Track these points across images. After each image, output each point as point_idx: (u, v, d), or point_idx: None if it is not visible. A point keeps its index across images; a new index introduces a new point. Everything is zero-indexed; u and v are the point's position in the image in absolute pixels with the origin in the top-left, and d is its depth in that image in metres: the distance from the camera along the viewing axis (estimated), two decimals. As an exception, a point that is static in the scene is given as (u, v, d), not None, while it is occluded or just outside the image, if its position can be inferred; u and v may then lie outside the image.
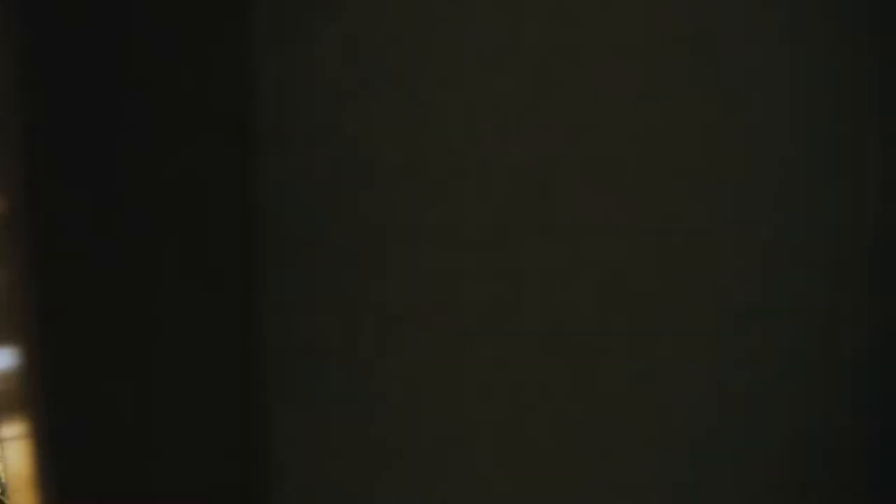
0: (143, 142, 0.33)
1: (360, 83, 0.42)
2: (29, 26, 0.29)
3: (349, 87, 0.42)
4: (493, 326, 0.50)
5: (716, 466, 0.62)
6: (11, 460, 0.43)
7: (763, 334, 0.61)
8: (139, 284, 0.34)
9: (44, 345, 0.31)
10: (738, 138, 0.57)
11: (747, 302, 0.59)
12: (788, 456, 0.65)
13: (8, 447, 0.44)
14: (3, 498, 2.60)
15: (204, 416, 0.36)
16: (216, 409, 0.36)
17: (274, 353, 0.40)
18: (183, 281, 0.35)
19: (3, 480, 2.65)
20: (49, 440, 0.32)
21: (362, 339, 0.45)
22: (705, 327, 0.59)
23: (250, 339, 0.37)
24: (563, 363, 0.53)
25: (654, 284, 0.56)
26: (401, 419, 0.47)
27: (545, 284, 0.51)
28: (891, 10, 0.60)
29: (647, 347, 0.56)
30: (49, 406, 0.32)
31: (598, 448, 0.56)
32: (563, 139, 0.50)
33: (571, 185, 0.51)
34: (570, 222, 0.51)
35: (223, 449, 0.37)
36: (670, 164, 0.55)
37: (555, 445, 0.54)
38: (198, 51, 0.33)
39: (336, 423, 0.45)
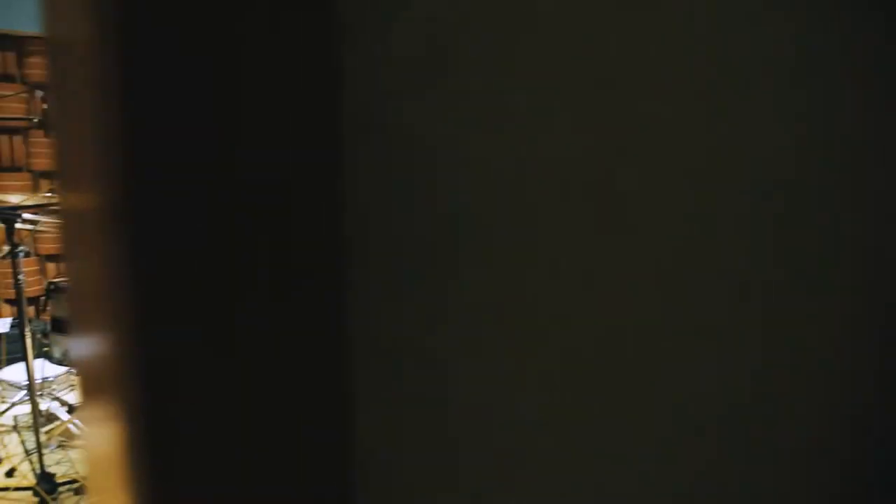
0: (232, 140, 0.34)
1: (436, 77, 0.43)
2: (127, 25, 0.30)
3: (425, 81, 0.42)
4: (562, 323, 0.51)
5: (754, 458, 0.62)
6: (91, 445, 0.44)
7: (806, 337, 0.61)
8: (229, 279, 0.35)
9: (139, 336, 0.32)
10: (783, 137, 0.57)
11: (794, 300, 0.60)
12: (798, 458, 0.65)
13: (87, 432, 0.45)
14: (38, 487, 2.66)
15: (291, 411, 0.37)
16: (303, 406, 0.37)
17: (358, 352, 0.42)
18: (272, 276, 0.36)
19: (48, 472, 2.70)
20: (142, 432, 0.33)
21: (438, 337, 0.45)
22: (761, 323, 0.59)
23: (336, 337, 0.38)
24: (628, 360, 0.54)
25: (712, 282, 0.56)
26: (476, 417, 0.48)
27: (611, 282, 0.52)
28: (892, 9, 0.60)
29: (710, 344, 0.57)
30: (142, 398, 0.33)
31: (666, 442, 0.57)
32: (630, 136, 0.51)
33: (635, 182, 0.52)
34: (631, 219, 0.52)
35: (310, 447, 0.38)
36: (732, 165, 0.55)
37: (623, 441, 0.55)
38: (283, 48, 0.34)
39: (414, 423, 0.46)
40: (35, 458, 2.78)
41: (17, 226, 2.78)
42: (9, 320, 4.29)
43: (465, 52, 0.43)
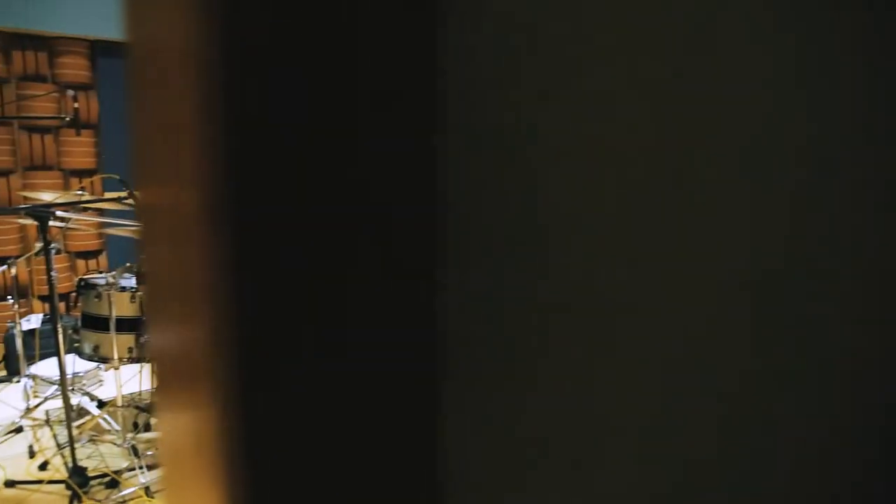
0: (334, 137, 0.33)
1: (527, 67, 0.41)
2: (232, 27, 0.30)
3: (517, 72, 0.41)
4: (639, 322, 0.49)
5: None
6: (169, 434, 0.43)
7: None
8: (330, 277, 0.34)
9: (241, 329, 0.32)
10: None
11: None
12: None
13: (164, 421, 0.44)
14: (70, 481, 2.70)
15: (384, 410, 0.37)
16: (396, 406, 0.37)
17: (450, 350, 0.41)
18: (372, 274, 0.35)
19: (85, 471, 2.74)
20: (240, 424, 0.33)
21: (526, 335, 0.44)
22: (836, 320, 0.58)
23: (430, 335, 0.37)
24: (702, 360, 0.53)
25: (783, 279, 0.55)
26: (564, 417, 0.47)
27: (687, 278, 0.50)
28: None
29: (784, 343, 0.56)
30: (245, 391, 0.32)
31: (746, 442, 0.56)
32: (706, 129, 0.50)
33: (708, 178, 0.51)
34: (706, 216, 0.51)
35: (401, 444, 0.37)
36: (804, 159, 0.54)
37: (701, 442, 0.54)
38: (384, 42, 0.34)
39: (504, 422, 0.44)
40: (67, 451, 2.82)
41: (50, 223, 2.82)
42: (40, 316, 4.38)
43: (554, 42, 0.42)
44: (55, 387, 3.58)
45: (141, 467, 2.95)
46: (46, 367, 3.83)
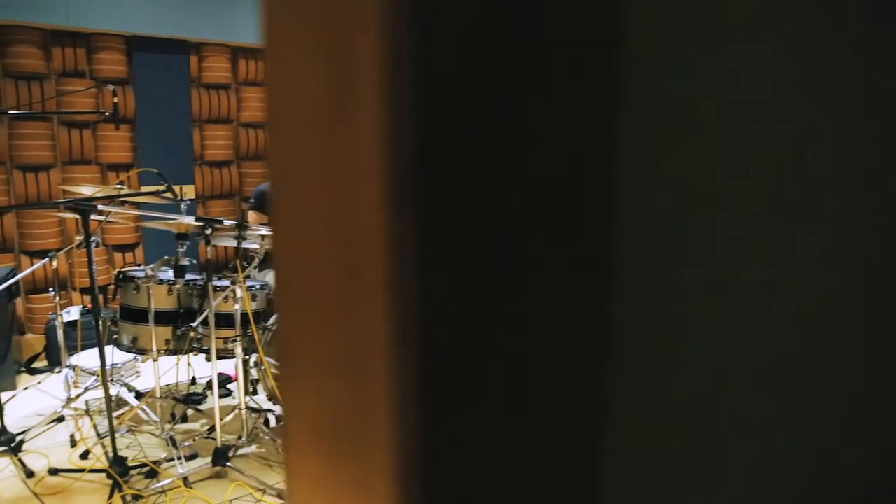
0: (515, 135, 0.32)
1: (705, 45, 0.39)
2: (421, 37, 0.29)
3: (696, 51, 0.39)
4: (761, 317, 0.47)
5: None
6: (299, 423, 0.43)
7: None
8: (512, 271, 0.34)
9: (417, 318, 0.31)
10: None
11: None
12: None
13: (294, 411, 0.44)
14: (111, 470, 2.73)
15: (556, 404, 0.36)
16: (565, 394, 0.36)
17: (616, 345, 0.39)
18: (551, 269, 0.34)
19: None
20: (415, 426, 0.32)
21: (674, 326, 0.42)
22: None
23: (604, 327, 0.36)
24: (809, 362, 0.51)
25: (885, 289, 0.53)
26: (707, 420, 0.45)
27: (801, 279, 0.48)
28: None
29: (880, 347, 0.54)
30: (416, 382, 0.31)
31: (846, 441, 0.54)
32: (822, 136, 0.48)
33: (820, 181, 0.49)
34: (815, 219, 0.49)
35: (568, 443, 0.37)
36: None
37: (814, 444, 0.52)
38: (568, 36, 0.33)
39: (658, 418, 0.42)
40: (108, 441, 2.87)
41: (91, 217, 2.87)
42: (79, 308, 4.47)
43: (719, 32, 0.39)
44: (95, 377, 3.65)
45: (179, 458, 2.99)
46: (87, 358, 3.91)
